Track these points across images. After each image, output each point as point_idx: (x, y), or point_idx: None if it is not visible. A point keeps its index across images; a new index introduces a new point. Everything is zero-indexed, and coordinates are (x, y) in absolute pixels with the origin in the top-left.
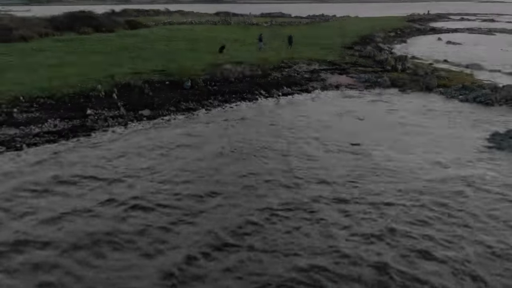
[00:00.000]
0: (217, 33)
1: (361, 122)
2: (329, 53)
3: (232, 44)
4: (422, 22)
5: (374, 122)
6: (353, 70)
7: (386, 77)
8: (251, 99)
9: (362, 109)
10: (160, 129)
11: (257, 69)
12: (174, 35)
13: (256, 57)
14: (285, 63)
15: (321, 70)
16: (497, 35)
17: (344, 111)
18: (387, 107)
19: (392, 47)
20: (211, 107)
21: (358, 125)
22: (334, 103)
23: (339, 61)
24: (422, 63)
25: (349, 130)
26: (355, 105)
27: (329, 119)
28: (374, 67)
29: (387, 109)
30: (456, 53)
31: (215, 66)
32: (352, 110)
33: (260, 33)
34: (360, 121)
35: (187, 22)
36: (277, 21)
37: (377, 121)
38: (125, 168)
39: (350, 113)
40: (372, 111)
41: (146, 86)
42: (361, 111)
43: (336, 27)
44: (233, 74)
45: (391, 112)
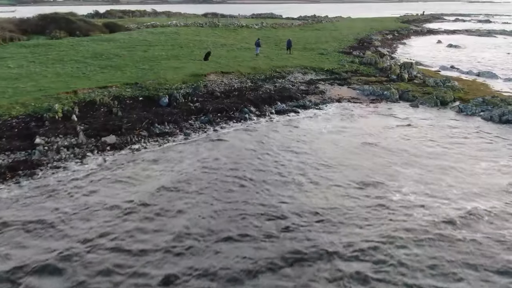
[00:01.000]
0: (203, 37)
1: (373, 151)
2: (326, 59)
3: (219, 50)
4: (417, 23)
5: (389, 151)
6: (354, 80)
7: (393, 89)
8: (240, 119)
9: (371, 131)
10: (124, 167)
11: (247, 80)
12: (155, 39)
13: (246, 65)
14: (278, 72)
15: (319, 81)
16: (498, 37)
17: (350, 134)
18: (400, 128)
19: (392, 51)
20: (191, 131)
21: (371, 157)
22: (337, 123)
23: (338, 70)
24: (428, 70)
25: (360, 164)
26: (362, 126)
27: (334, 148)
28: (378, 76)
29: (400, 132)
30: (460, 58)
31: (198, 77)
32: (359, 133)
33: (258, 37)
34: (371, 149)
35: (172, 25)
36: (268, 23)
37: (392, 150)
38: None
39: (357, 136)
40: (384, 135)
41: (115, 103)
42: (371, 135)
43: (330, 29)
44: (219, 87)
45: (406, 136)
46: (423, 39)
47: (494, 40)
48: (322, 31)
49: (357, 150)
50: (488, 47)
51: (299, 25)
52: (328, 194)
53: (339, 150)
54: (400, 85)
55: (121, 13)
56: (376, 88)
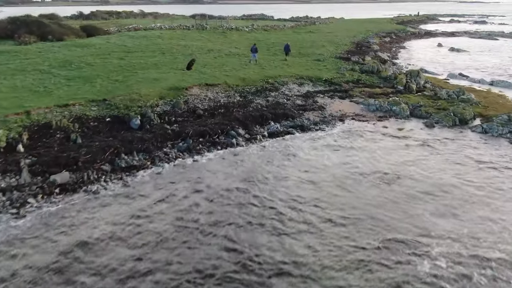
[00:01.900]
0: (189, 41)
1: (392, 194)
2: (323, 67)
3: (205, 56)
4: (413, 24)
5: (411, 192)
6: (357, 92)
7: (403, 104)
8: (226, 145)
9: (385, 162)
10: (70, 222)
11: (235, 94)
12: (135, 44)
13: (235, 75)
14: (270, 84)
15: (317, 93)
16: (500, 40)
17: (360, 168)
18: (418, 157)
19: (392, 56)
20: (166, 162)
21: (391, 202)
22: (342, 152)
23: (338, 79)
24: (435, 79)
25: (378, 217)
26: (373, 155)
27: (343, 192)
28: (382, 86)
29: (420, 163)
30: (466, 63)
31: (179, 91)
32: (371, 166)
33: (254, 43)
34: (389, 190)
35: (156, 28)
36: (259, 25)
37: (415, 190)
38: None
39: (369, 171)
40: (401, 168)
41: (76, 127)
42: (385, 168)
43: (325, 32)
44: (202, 103)
45: (428, 169)
46: (423, 42)
47: (496, 43)
48: (317, 34)
49: (372, 193)
50: (491, 51)
51: (292, 27)
52: (341, 268)
53: (350, 194)
54: (409, 98)
55: (107, 14)
56: (383, 103)
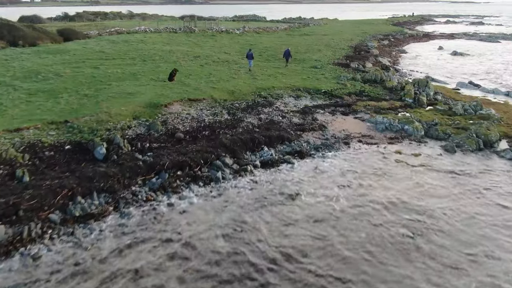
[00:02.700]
0: (174, 46)
1: (423, 259)
2: (321, 75)
3: (191, 64)
4: (409, 25)
5: (447, 255)
6: (361, 107)
7: (416, 123)
8: (209, 179)
9: (402, 203)
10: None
11: (222, 110)
12: (115, 50)
13: (223, 87)
14: (263, 98)
15: (316, 108)
16: (502, 42)
17: (376, 214)
18: (440, 196)
19: (394, 62)
20: (133, 206)
21: (420, 270)
22: (353, 190)
23: (339, 91)
24: (444, 88)
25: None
26: (391, 193)
27: (361, 255)
28: (389, 99)
29: (447, 208)
30: (472, 68)
31: (156, 109)
32: (390, 212)
33: (249, 48)
34: (412, 243)
35: (140, 31)
36: (251, 27)
37: (454, 252)
38: None
39: (384, 214)
40: (428, 214)
41: (26, 158)
42: (405, 212)
43: (320, 34)
44: (183, 124)
45: (459, 216)
46: (423, 45)
47: (498, 45)
48: (311, 37)
49: (399, 262)
50: (495, 55)
51: (285, 29)
52: None
53: (371, 257)
54: (421, 114)
55: (93, 16)
56: (393, 121)
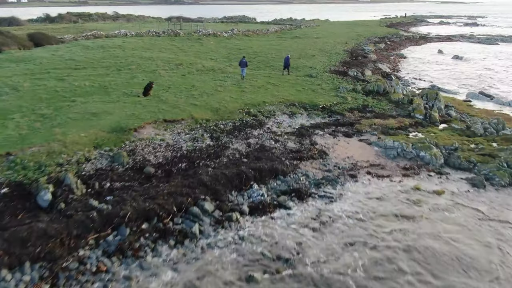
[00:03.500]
0: (156, 52)
1: None
2: (317, 86)
3: (171, 74)
4: (403, 27)
5: None
6: (367, 126)
7: (434, 149)
8: (183, 235)
9: (430, 273)
10: None
11: (204, 134)
12: (88, 58)
13: (206, 102)
14: (253, 116)
15: (314, 129)
16: (501, 44)
17: (399, 272)
18: (480, 257)
19: (394, 68)
20: (78, 284)
21: None
22: (366, 247)
23: (340, 107)
24: (454, 100)
25: None
26: (413, 248)
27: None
28: (396, 115)
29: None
30: (477, 74)
31: (124, 135)
32: (416, 274)
33: (243, 55)
34: None
35: (120, 34)
36: (240, 30)
37: None
38: None
39: (420, 281)
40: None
41: None
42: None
43: (312, 37)
44: (155, 154)
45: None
46: (421, 48)
47: (498, 48)
48: (304, 40)
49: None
50: (498, 58)
51: (276, 31)
52: None
53: None
54: (436, 135)
55: (76, 17)
56: (406, 145)
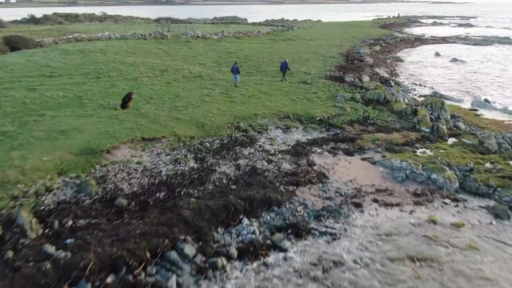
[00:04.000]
0: (140, 57)
1: None
2: (313, 95)
3: (155, 82)
4: (397, 28)
5: None
6: (369, 142)
7: (447, 171)
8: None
9: None
10: None
11: (187, 154)
12: (65, 64)
13: (190, 116)
14: (243, 131)
15: (311, 145)
16: (498, 46)
17: None
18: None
19: (391, 72)
20: None
21: None
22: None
23: (339, 119)
24: (459, 108)
25: None
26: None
27: None
28: (400, 128)
29: None
30: (477, 78)
31: (94, 157)
32: None
33: (235, 61)
34: None
35: (104, 37)
36: (230, 31)
37: None
38: None
39: None
40: None
41: None
42: None
43: (305, 39)
44: (129, 182)
45: None
46: (417, 51)
47: (495, 50)
48: (297, 42)
49: None
50: (497, 62)
51: (268, 33)
52: None
53: None
54: (447, 152)
55: (62, 18)
56: (415, 166)
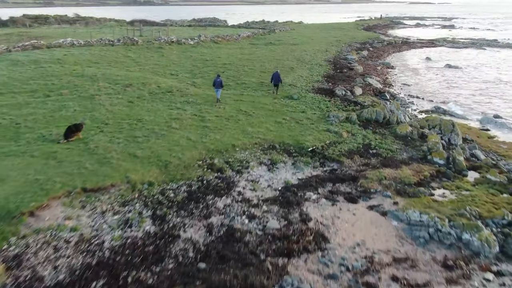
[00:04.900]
0: (103, 68)
1: None
2: (301, 114)
3: (115, 101)
4: (380, 29)
5: None
6: (374, 181)
7: (483, 231)
8: None
9: None
10: None
11: (143, 211)
12: (11, 78)
13: (151, 149)
14: (217, 171)
15: (303, 189)
16: (487, 49)
17: None
18: None
19: (384, 82)
20: None
21: None
22: None
23: (335, 149)
24: (468, 128)
25: None
26: None
27: None
28: (408, 159)
29: None
30: (476, 87)
31: (11, 224)
32: None
33: (218, 73)
34: None
35: (66, 44)
36: (208, 36)
37: None
38: None
39: None
40: None
41: None
42: None
43: (288, 44)
44: (56, 266)
45: None
46: (407, 56)
47: (487, 54)
48: (280, 47)
49: None
50: (491, 66)
51: (248, 36)
52: None
53: None
54: (472, 194)
55: (31, 20)
56: (440, 222)
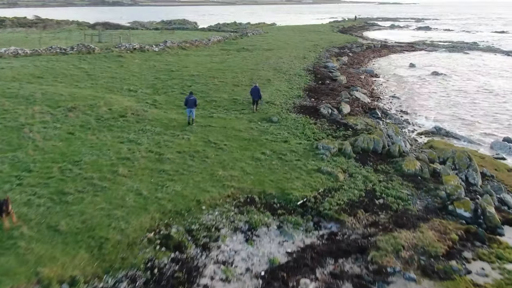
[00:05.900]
0: (46, 84)
1: None
2: (285, 147)
3: (51, 132)
4: (356, 31)
5: None
6: (390, 253)
7: None
8: None
9: None
10: None
11: None
12: None
13: (82, 221)
14: (174, 247)
15: (295, 272)
16: (470, 53)
17: None
18: None
19: (372, 94)
20: None
21: None
22: None
23: (330, 202)
24: (483, 158)
25: None
26: None
27: None
28: (425, 212)
29: None
30: (477, 104)
31: None
32: None
33: (190, 91)
34: None
35: (8, 54)
36: (175, 41)
37: None
38: None
39: None
40: None
41: None
42: None
43: (263, 49)
44: None
45: None
46: (388, 61)
47: (470, 58)
48: (253, 53)
49: None
50: (478, 73)
51: (219, 41)
52: None
53: None
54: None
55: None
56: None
